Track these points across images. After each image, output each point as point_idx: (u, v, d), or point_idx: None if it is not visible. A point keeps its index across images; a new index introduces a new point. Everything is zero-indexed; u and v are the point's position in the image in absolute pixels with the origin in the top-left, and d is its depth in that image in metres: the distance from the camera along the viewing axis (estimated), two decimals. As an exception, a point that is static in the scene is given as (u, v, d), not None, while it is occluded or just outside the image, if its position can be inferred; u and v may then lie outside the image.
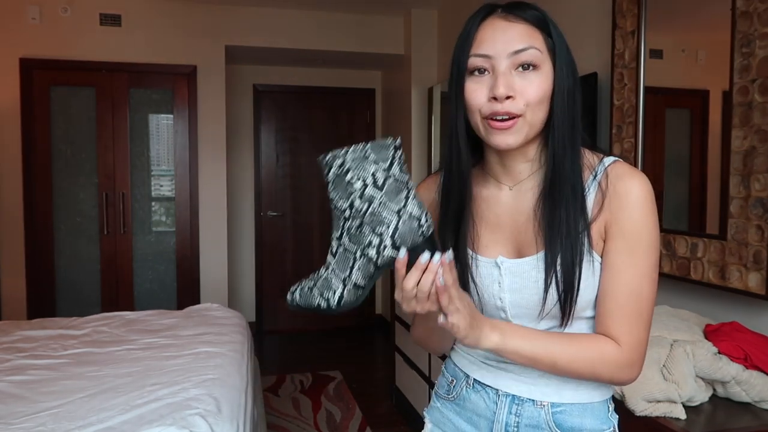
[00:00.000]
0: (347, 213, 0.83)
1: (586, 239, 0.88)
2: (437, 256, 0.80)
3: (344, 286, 0.84)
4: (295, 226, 5.15)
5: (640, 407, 1.35)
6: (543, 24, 0.88)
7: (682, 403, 1.37)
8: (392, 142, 0.82)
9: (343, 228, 0.84)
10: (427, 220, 0.82)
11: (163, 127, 4.19)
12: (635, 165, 1.98)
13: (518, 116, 0.86)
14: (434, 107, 4.03)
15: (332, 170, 0.84)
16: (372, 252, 0.82)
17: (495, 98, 0.85)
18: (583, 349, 0.88)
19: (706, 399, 1.43)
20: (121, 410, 1.69)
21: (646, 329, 0.89)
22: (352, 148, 0.82)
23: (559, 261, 0.87)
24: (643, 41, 1.97)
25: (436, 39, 4.25)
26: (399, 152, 0.82)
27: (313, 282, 0.86)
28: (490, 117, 0.86)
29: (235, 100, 4.89)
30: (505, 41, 0.85)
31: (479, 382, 1.01)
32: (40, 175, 3.94)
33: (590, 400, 0.95)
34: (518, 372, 0.96)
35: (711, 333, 1.53)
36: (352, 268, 0.84)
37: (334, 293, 0.84)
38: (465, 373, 1.03)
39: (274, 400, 3.50)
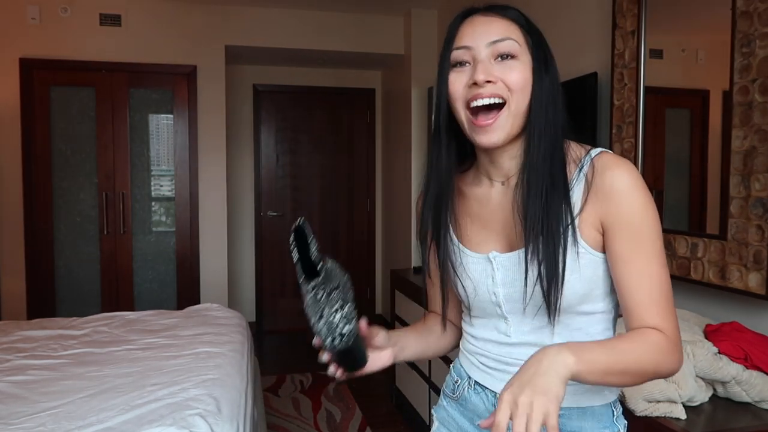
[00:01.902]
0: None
1: (570, 231, 0.88)
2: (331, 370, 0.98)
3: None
4: (295, 226, 5.14)
5: (640, 407, 1.35)
6: (521, 21, 0.91)
7: (682, 403, 1.37)
8: (304, 281, 0.93)
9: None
10: (342, 335, 0.91)
11: (163, 127, 4.19)
12: (635, 165, 1.98)
13: (503, 101, 0.88)
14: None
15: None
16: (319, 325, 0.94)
17: (476, 83, 0.87)
18: (643, 347, 0.84)
19: (706, 399, 1.43)
20: (121, 410, 1.69)
21: (675, 313, 0.89)
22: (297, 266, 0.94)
23: (540, 253, 0.87)
24: (643, 41, 1.97)
25: (436, 39, 4.25)
26: (316, 289, 0.93)
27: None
28: (472, 100, 0.88)
29: (235, 100, 4.89)
30: (484, 33, 0.89)
31: (479, 383, 1.02)
32: (40, 175, 3.94)
33: (590, 404, 0.94)
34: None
35: (711, 333, 1.53)
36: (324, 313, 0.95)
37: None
38: (468, 374, 1.05)
39: (274, 400, 3.50)
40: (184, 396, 1.78)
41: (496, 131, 0.88)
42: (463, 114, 0.91)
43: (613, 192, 0.86)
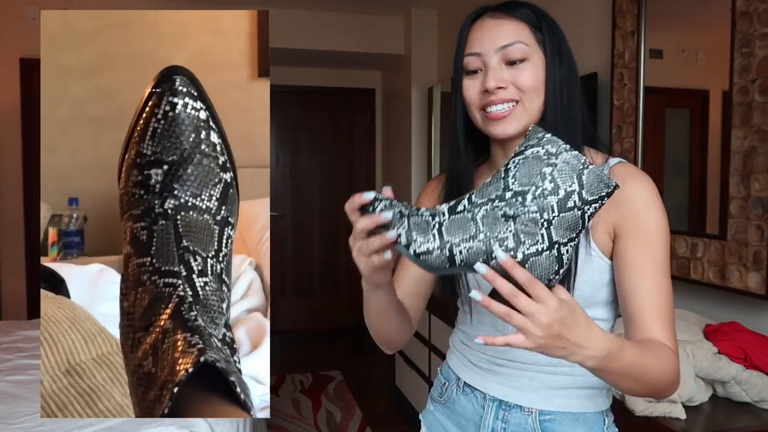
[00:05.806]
0: (507, 195, 0.69)
1: (583, 231, 0.88)
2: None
3: (441, 249, 0.69)
4: (295, 226, 5.15)
5: (640, 407, 1.35)
6: (531, 19, 0.91)
7: (682, 403, 1.37)
8: (615, 186, 0.69)
9: (487, 202, 0.70)
10: (559, 271, 0.69)
11: (163, 127, 4.19)
12: (635, 165, 1.98)
13: (516, 101, 0.89)
14: (434, 107, 4.03)
15: (535, 148, 0.70)
16: (498, 250, 0.67)
17: (487, 91, 0.89)
18: (663, 360, 0.80)
19: (706, 399, 1.43)
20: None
21: (675, 330, 0.86)
22: (573, 153, 0.69)
23: None
24: (643, 41, 1.97)
25: (436, 39, 4.25)
26: (607, 199, 0.69)
27: (408, 212, 0.72)
28: (486, 106, 0.90)
29: (235, 100, 4.89)
30: (492, 38, 0.89)
31: (469, 385, 1.01)
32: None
33: (581, 410, 0.93)
34: (507, 376, 0.95)
35: (711, 333, 1.53)
36: (465, 240, 0.69)
37: (423, 244, 0.70)
38: (457, 375, 1.04)
39: (274, 400, 3.50)
40: (184, 396, 1.78)
41: (511, 122, 0.89)
42: (477, 114, 0.92)
43: (631, 200, 0.87)
